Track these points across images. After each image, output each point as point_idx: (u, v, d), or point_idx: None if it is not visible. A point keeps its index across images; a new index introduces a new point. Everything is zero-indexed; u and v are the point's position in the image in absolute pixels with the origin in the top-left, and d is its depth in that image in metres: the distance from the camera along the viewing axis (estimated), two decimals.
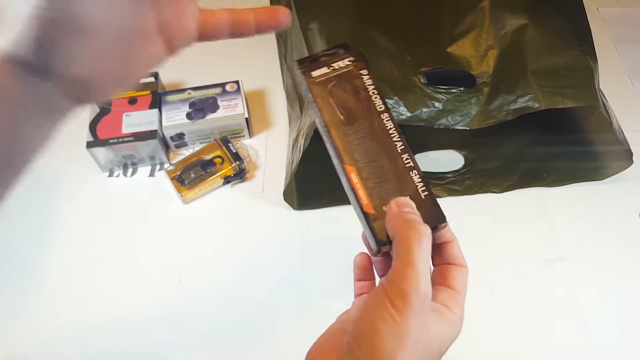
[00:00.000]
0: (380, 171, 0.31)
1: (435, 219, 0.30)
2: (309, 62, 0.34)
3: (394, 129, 0.32)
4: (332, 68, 0.33)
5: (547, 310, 0.54)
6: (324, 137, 0.32)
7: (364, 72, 0.33)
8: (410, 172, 0.31)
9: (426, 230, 0.28)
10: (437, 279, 0.32)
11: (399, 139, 0.32)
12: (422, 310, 0.27)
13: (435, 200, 0.31)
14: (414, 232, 0.28)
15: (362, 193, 0.31)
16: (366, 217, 0.31)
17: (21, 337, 0.54)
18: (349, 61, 0.33)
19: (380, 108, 0.32)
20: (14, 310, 0.56)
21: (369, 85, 0.32)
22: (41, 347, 0.54)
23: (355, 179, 0.31)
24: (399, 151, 0.31)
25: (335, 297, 0.56)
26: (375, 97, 0.32)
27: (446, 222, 0.31)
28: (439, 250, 0.32)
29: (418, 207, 0.30)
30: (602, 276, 0.56)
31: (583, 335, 0.52)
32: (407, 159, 0.31)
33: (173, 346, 0.53)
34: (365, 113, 0.32)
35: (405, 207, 0.29)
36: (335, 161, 0.33)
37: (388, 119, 0.32)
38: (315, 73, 0.33)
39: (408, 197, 0.30)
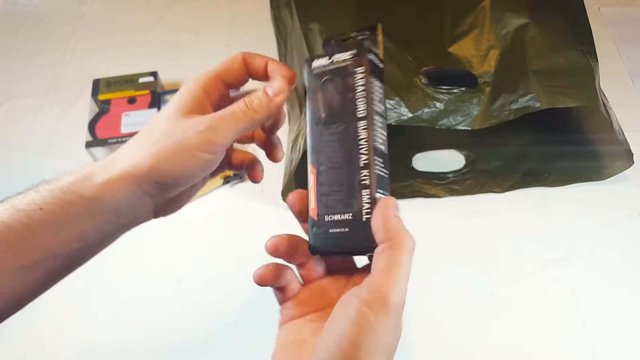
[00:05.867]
0: (336, 180, 0.30)
1: (368, 245, 0.28)
2: (333, 44, 0.32)
3: (365, 139, 0.29)
4: (331, 60, 0.31)
5: (548, 310, 0.54)
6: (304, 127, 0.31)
7: (360, 69, 0.30)
8: (363, 190, 0.29)
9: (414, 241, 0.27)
10: None
11: (365, 152, 0.29)
12: (398, 320, 0.26)
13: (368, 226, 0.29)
14: (408, 241, 0.26)
15: (312, 196, 0.30)
16: (310, 221, 0.30)
17: (20, 339, 0.54)
18: (351, 54, 0.30)
19: (361, 114, 0.29)
20: (12, 317, 0.55)
21: (359, 85, 0.30)
22: (41, 347, 0.53)
23: (312, 180, 0.30)
24: (361, 165, 0.29)
25: None
26: (360, 101, 0.29)
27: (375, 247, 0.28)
28: None
29: (355, 229, 0.29)
30: (603, 276, 0.56)
31: (583, 335, 0.52)
32: (365, 175, 0.29)
33: (172, 346, 0.53)
34: (344, 116, 0.30)
35: (396, 210, 0.28)
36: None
37: (364, 127, 0.29)
38: (315, 63, 0.31)
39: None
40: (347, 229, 0.29)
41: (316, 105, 0.31)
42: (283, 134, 0.69)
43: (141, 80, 0.71)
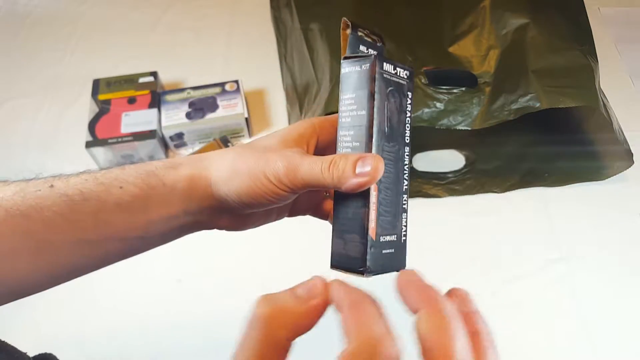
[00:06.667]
0: (389, 201, 0.29)
1: (401, 264, 0.30)
2: (362, 37, 0.30)
3: (407, 165, 0.30)
4: (396, 72, 0.29)
5: (548, 309, 0.54)
6: (360, 135, 0.28)
7: (411, 94, 0.29)
8: (403, 214, 0.30)
9: None
10: None
11: (407, 178, 0.30)
12: None
13: (406, 246, 0.30)
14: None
15: (373, 215, 0.28)
16: (370, 241, 0.29)
17: (20, 339, 0.54)
18: (407, 75, 0.29)
19: (408, 140, 0.30)
20: (12, 312, 0.56)
21: (409, 110, 0.29)
22: (41, 347, 0.53)
23: (374, 198, 0.28)
24: (404, 190, 0.30)
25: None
26: (408, 126, 0.29)
27: (405, 267, 0.29)
28: None
29: (398, 250, 0.30)
30: (602, 276, 0.56)
31: (583, 335, 0.52)
32: (405, 200, 0.30)
33: (172, 346, 0.53)
34: (398, 137, 0.29)
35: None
36: None
37: (408, 153, 0.30)
38: (385, 66, 0.28)
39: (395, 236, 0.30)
40: (392, 250, 0.30)
41: (383, 115, 0.28)
42: None
43: (141, 80, 0.71)
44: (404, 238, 0.30)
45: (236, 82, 0.70)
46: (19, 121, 0.74)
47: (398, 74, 0.29)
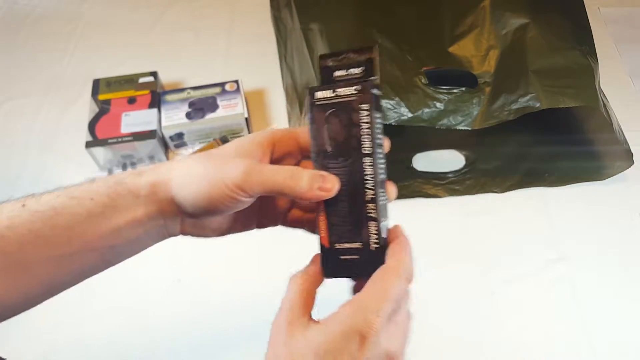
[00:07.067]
0: (345, 212, 0.31)
1: (368, 271, 0.30)
2: (330, 60, 0.33)
3: (371, 175, 0.31)
4: (336, 93, 0.31)
5: (548, 310, 0.54)
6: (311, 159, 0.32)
7: (365, 106, 0.31)
8: (369, 222, 0.31)
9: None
10: None
11: (372, 187, 0.31)
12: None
13: (384, 254, 0.31)
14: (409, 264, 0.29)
15: (323, 226, 0.32)
16: (321, 248, 0.32)
17: (19, 339, 0.54)
18: (355, 90, 0.31)
19: (366, 151, 0.31)
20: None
21: (364, 122, 0.31)
22: (40, 348, 0.53)
23: (321, 211, 0.32)
24: (367, 199, 0.31)
25: (336, 296, 0.56)
26: (366, 137, 0.31)
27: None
28: None
29: (365, 256, 0.31)
30: (602, 276, 0.56)
31: (583, 335, 0.52)
32: (371, 208, 0.31)
33: (172, 346, 0.53)
34: (350, 151, 0.31)
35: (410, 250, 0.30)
36: None
37: (370, 163, 0.30)
38: (319, 94, 0.32)
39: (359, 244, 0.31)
40: (357, 256, 0.31)
41: (321, 137, 0.31)
42: None
43: (141, 80, 0.71)
44: (377, 245, 0.31)
45: (236, 82, 0.70)
46: (19, 121, 0.74)
47: (340, 94, 0.31)
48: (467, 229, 0.60)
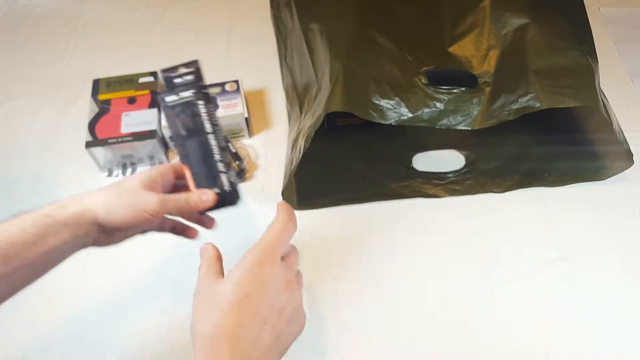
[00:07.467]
0: (203, 173, 0.46)
1: (232, 203, 0.47)
2: (169, 72, 0.48)
3: (215, 145, 0.47)
4: (180, 97, 0.47)
5: (548, 310, 0.54)
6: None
7: (201, 102, 0.47)
8: (220, 174, 0.46)
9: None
10: None
11: (217, 153, 0.46)
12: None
13: (236, 190, 0.47)
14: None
15: (191, 183, 0.46)
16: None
17: (19, 338, 0.54)
18: (192, 92, 0.47)
19: (208, 130, 0.47)
20: (11, 310, 0.56)
21: (203, 112, 0.47)
22: (40, 348, 0.53)
23: (188, 174, 0.46)
24: (216, 160, 0.46)
25: (336, 295, 0.56)
26: (207, 122, 0.47)
27: (239, 200, 0.47)
28: None
29: (223, 196, 0.46)
30: (602, 276, 0.56)
31: (583, 335, 0.52)
32: (220, 166, 0.46)
33: (171, 346, 0.53)
34: (198, 132, 0.46)
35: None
36: None
37: (213, 138, 0.47)
38: (168, 99, 0.47)
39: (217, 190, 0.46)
40: (222, 197, 0.46)
41: (176, 126, 0.47)
42: (283, 134, 0.69)
43: (141, 80, 0.71)
44: (229, 188, 0.46)
45: (236, 82, 0.70)
46: (19, 121, 0.74)
47: (182, 97, 0.47)
48: (467, 229, 0.60)
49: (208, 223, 0.50)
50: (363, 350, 0.52)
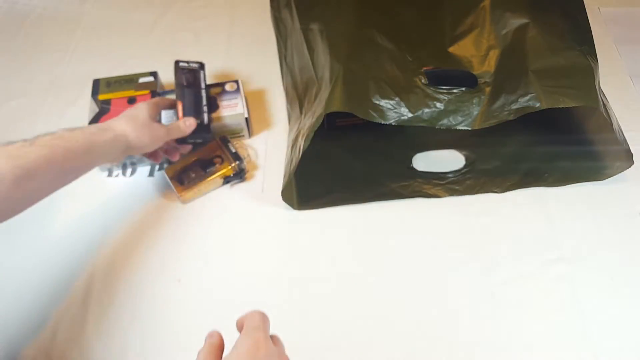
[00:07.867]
0: (192, 109, 0.64)
1: (207, 137, 0.64)
2: (181, 63, 0.68)
3: (205, 95, 0.66)
4: (189, 65, 0.68)
5: (548, 309, 0.54)
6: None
7: (202, 72, 0.69)
8: (204, 113, 0.64)
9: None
10: None
11: (204, 99, 0.65)
12: None
13: (209, 126, 0.64)
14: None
15: (181, 114, 0.62)
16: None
17: (19, 337, 0.54)
18: (196, 65, 0.69)
19: (202, 86, 0.67)
20: (12, 309, 0.56)
21: (200, 78, 0.68)
22: (39, 347, 0.53)
23: (180, 107, 0.63)
24: (204, 103, 0.65)
25: (336, 295, 0.56)
26: (202, 81, 0.67)
27: (212, 139, 0.66)
28: None
29: (201, 126, 0.63)
30: (602, 276, 0.56)
31: (584, 335, 0.52)
32: (204, 107, 0.65)
33: (171, 346, 0.53)
34: (195, 86, 0.66)
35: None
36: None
37: (204, 91, 0.66)
38: (181, 64, 0.68)
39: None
40: (199, 126, 0.62)
41: (181, 79, 0.66)
42: (283, 134, 0.69)
43: (141, 80, 0.71)
44: (207, 122, 0.64)
45: (236, 82, 0.70)
46: (19, 121, 0.74)
47: (190, 66, 0.68)
48: (467, 229, 0.60)
49: (175, 154, 0.63)
50: (363, 350, 0.52)
